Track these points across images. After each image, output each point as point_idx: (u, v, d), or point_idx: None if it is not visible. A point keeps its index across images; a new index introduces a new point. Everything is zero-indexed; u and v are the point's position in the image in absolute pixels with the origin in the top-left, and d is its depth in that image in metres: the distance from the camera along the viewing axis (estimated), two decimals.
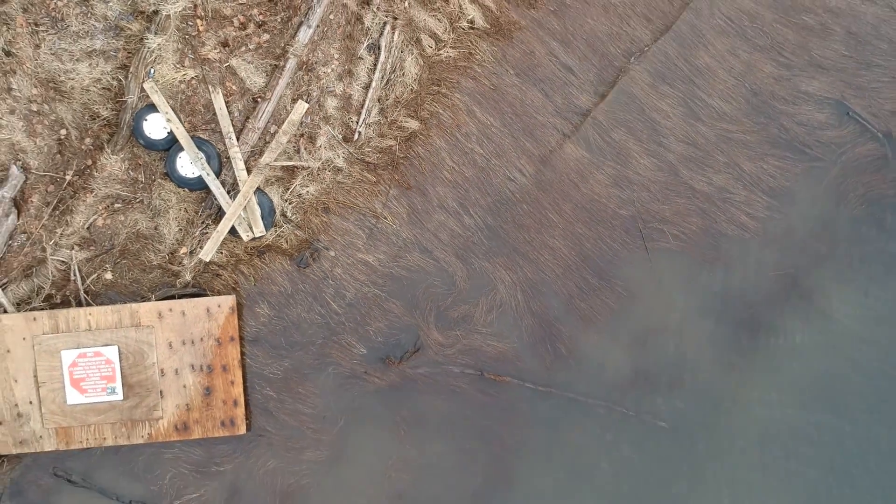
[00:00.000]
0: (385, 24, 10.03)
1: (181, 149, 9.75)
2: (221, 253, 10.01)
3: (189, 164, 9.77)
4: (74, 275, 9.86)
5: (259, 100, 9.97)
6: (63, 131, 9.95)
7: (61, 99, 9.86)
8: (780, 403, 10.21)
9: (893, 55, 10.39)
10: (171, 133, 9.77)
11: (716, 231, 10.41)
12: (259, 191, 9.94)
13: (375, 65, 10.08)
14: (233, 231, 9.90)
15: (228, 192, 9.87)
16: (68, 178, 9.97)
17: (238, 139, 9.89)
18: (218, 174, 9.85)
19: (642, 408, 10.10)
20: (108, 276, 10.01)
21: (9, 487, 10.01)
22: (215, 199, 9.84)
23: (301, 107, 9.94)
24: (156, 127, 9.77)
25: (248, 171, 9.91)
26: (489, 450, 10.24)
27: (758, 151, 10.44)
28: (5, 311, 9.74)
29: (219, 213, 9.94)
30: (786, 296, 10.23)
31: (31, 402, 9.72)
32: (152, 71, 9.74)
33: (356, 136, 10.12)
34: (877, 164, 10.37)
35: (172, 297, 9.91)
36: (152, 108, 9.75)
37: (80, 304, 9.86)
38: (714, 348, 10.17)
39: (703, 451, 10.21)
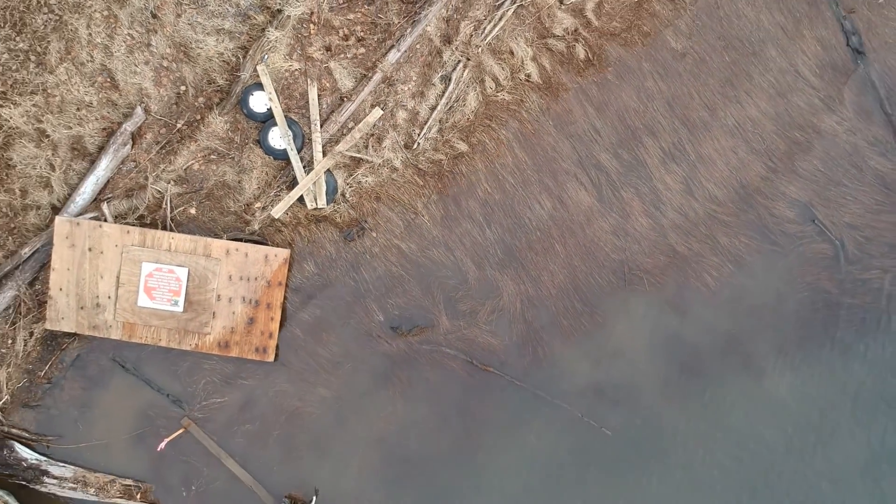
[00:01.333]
0: (459, 61, 12.25)
1: (275, 124, 11.98)
2: (287, 214, 12.25)
3: (278, 137, 12.00)
4: (166, 204, 12.09)
5: (345, 99, 12.20)
6: (183, 88, 12.18)
7: (188, 62, 12.08)
8: (706, 436, 12.42)
9: (860, 180, 12.60)
10: (269, 110, 12.00)
11: (685, 287, 12.61)
12: (328, 172, 12.17)
13: (444, 92, 12.30)
14: (300, 199, 12.14)
15: (304, 168, 12.10)
16: (179, 125, 12.20)
17: (321, 127, 12.12)
18: (299, 151, 12.08)
19: (593, 414, 12.32)
20: (193, 211, 12.26)
21: (75, 360, 12.24)
22: (293, 170, 12.08)
23: (377, 112, 12.17)
24: (259, 102, 12.00)
25: (323, 154, 12.14)
26: (463, 422, 12.45)
27: (734, 230, 12.65)
28: (106, 221, 11.96)
29: (292, 182, 12.17)
30: (728, 351, 12.44)
31: (109, 297, 11.94)
32: (266, 57, 11.97)
33: (415, 146, 12.34)
34: (826, 262, 12.58)
35: (240, 240, 12.13)
36: (259, 86, 11.97)
37: (165, 229, 12.09)
38: (660, 380, 12.38)
39: (635, 462, 12.41)
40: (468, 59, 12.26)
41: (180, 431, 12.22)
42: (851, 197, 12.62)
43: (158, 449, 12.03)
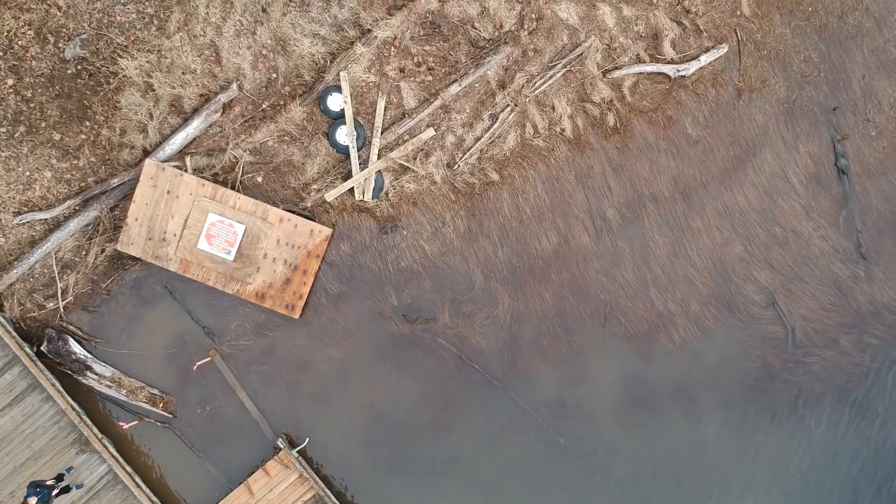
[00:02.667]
0: (508, 105, 14.40)
1: (344, 123, 14.15)
2: (336, 200, 14.42)
3: (344, 135, 14.17)
4: (239, 169, 14.27)
5: (406, 115, 14.35)
6: (274, 75, 14.35)
7: (283, 54, 14.25)
8: (639, 459, 14.57)
9: (821, 281, 14.70)
10: (342, 110, 14.17)
11: (653, 338, 14.73)
12: (379, 172, 14.33)
13: (489, 128, 14.44)
14: (351, 190, 14.31)
15: (360, 165, 14.27)
16: (264, 106, 14.38)
17: (381, 134, 14.29)
18: (359, 150, 14.24)
19: (552, 422, 14.47)
20: (259, 179, 14.44)
21: (134, 280, 14.43)
22: (350, 164, 14.25)
23: (430, 132, 14.33)
24: (335, 102, 14.16)
25: (378, 157, 14.31)
26: (443, 405, 14.61)
27: (706, 300, 14.76)
28: (186, 171, 14.14)
29: (347, 175, 14.34)
30: (677, 396, 14.57)
31: (174, 235, 14.12)
32: (349, 66, 14.13)
33: (455, 167, 14.49)
34: (776, 342, 14.69)
35: (293, 212, 14.29)
36: (338, 89, 14.14)
37: (233, 189, 14.26)
38: (615, 407, 14.52)
39: (578, 469, 14.55)
40: (516, 105, 14.40)
41: (207, 360, 14.41)
42: (810, 293, 14.72)
43: (193, 369, 14.21)
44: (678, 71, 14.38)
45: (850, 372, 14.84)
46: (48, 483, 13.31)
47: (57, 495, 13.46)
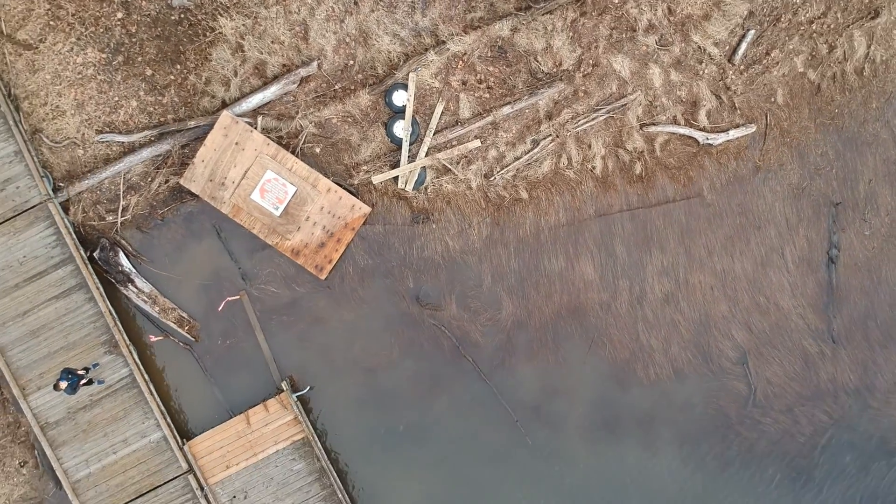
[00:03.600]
0: (550, 135, 15.98)
1: (402, 118, 15.77)
2: (381, 184, 16.04)
3: (401, 129, 15.79)
4: (302, 137, 15.90)
5: (458, 123, 15.95)
6: (351, 62, 15.97)
7: (363, 45, 15.86)
8: (594, 474, 16.18)
9: (790, 352, 16.25)
10: (404, 106, 15.77)
11: (631, 369, 16.31)
12: (423, 168, 15.95)
13: (529, 151, 16.03)
14: (396, 178, 15.94)
15: (409, 158, 15.89)
16: (336, 87, 16.00)
17: (433, 135, 15.89)
18: (410, 145, 15.85)
19: (525, 423, 16.09)
20: (317, 150, 16.07)
21: (187, 213, 16.10)
22: (400, 155, 15.87)
23: (476, 143, 15.93)
24: (399, 98, 15.76)
25: (426, 154, 15.92)
26: (432, 385, 16.23)
27: (685, 345, 16.32)
28: (256, 129, 15.78)
29: (395, 164, 15.96)
30: (641, 425, 16.15)
31: (233, 182, 15.76)
32: (418, 69, 15.73)
33: (491, 178, 16.09)
34: (738, 398, 16.27)
35: (340, 186, 15.91)
36: (404, 87, 15.74)
37: (293, 153, 15.88)
38: (583, 422, 16.12)
39: (539, 470, 16.17)
40: (557, 136, 15.98)
41: (236, 298, 16.08)
42: (778, 361, 16.29)
43: (222, 304, 15.88)
44: (707, 139, 15.93)
45: (797, 440, 16.39)
46: (79, 372, 15.02)
47: (83, 385, 15.15)
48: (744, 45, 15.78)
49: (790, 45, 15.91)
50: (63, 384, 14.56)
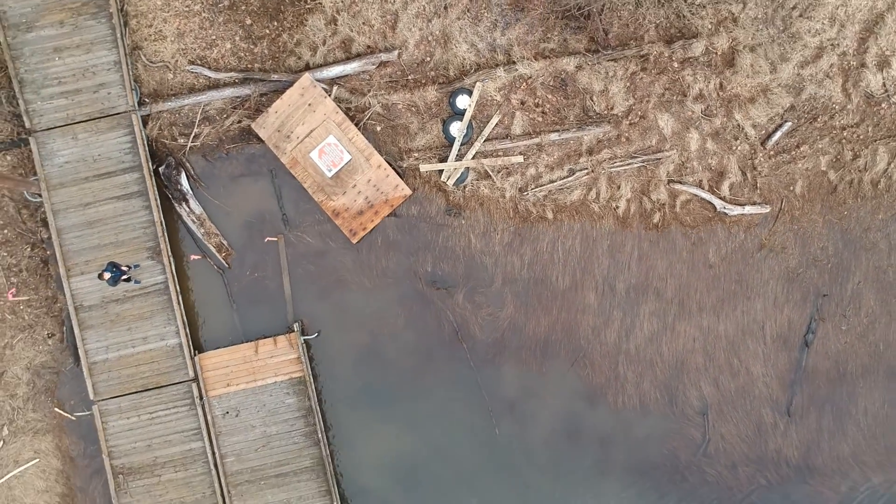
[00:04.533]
0: (586, 168, 17.58)
1: (460, 120, 17.40)
2: (427, 173, 17.69)
3: (456, 129, 17.42)
4: (368, 114, 17.55)
5: (507, 137, 17.58)
6: (428, 59, 17.59)
7: (442, 47, 17.46)
8: (547, 479, 17.83)
9: (748, 416, 17.80)
10: (464, 110, 17.39)
11: (603, 393, 17.92)
12: (467, 168, 17.59)
13: (564, 177, 17.63)
14: (440, 171, 17.59)
15: (457, 156, 17.54)
16: (409, 77, 17.64)
17: (483, 141, 17.52)
18: (461, 146, 17.49)
19: (498, 415, 17.75)
20: (378, 128, 17.73)
21: (250, 154, 17.80)
22: (450, 152, 17.51)
23: (519, 158, 17.56)
24: (462, 101, 17.38)
25: (473, 157, 17.55)
26: (426, 360, 17.89)
27: (656, 384, 17.90)
28: (329, 96, 17.43)
29: (444, 158, 17.61)
30: (600, 445, 17.78)
31: (297, 137, 17.43)
32: (485, 80, 17.33)
33: (525, 193, 17.71)
34: (691, 444, 17.87)
35: (390, 165, 17.55)
36: (469, 93, 17.35)
37: (356, 126, 17.53)
38: (549, 429, 17.77)
39: (500, 460, 17.83)
40: (592, 171, 17.59)
41: (275, 239, 17.79)
42: (735, 421, 17.88)
43: (266, 240, 17.61)
44: (724, 208, 17.49)
45: (734, 496, 17.96)
46: (123, 268, 16.78)
47: (123, 280, 16.91)
48: (778, 134, 17.32)
49: (819, 144, 17.44)
50: (107, 275, 16.31)
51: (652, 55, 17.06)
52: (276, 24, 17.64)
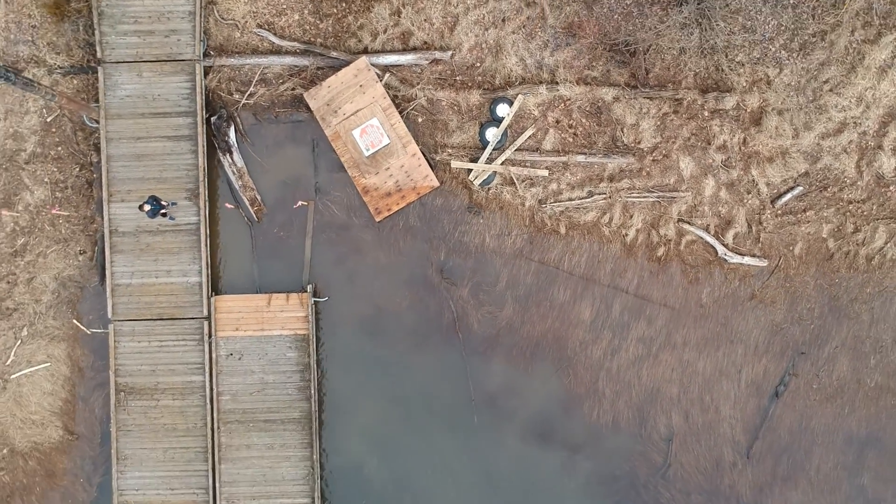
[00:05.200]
0: (604, 193, 18.71)
1: (496, 126, 18.55)
2: (457, 169, 18.86)
3: (491, 134, 18.57)
4: (412, 104, 18.70)
5: (537, 151, 18.72)
6: (478, 64, 18.72)
7: (493, 56, 18.57)
8: (514, 470, 19.05)
9: (708, 450, 18.97)
10: (502, 118, 18.54)
11: (580, 404, 19.09)
12: (494, 172, 18.75)
13: (583, 198, 18.76)
14: (469, 170, 18.75)
15: (487, 159, 18.69)
16: (457, 77, 18.78)
17: (514, 150, 18.67)
18: (493, 150, 18.64)
19: (480, 406, 18.95)
20: (419, 120, 18.89)
21: (297, 122, 19.00)
22: (481, 154, 18.67)
23: (544, 172, 18.70)
24: (501, 110, 18.52)
25: (502, 163, 18.71)
26: (422, 340, 19.08)
27: (630, 405, 19.03)
28: (380, 81, 18.58)
29: (474, 159, 18.77)
30: (567, 450, 18.95)
31: (344, 114, 18.58)
32: (527, 94, 18.47)
33: (543, 205, 18.86)
34: (652, 467, 19.03)
35: (424, 155, 18.71)
36: (509, 103, 18.49)
37: (400, 114, 18.68)
38: (523, 427, 18.96)
39: (473, 448, 19.03)
40: (609, 197, 18.73)
41: (305, 203, 19.01)
42: (696, 452, 19.03)
43: (297, 203, 18.82)
44: (725, 254, 18.61)
45: None
46: (163, 202, 18.02)
47: (160, 214, 18.15)
48: (789, 196, 18.41)
49: (825, 213, 18.53)
50: (147, 207, 17.56)
51: (686, 100, 18.16)
52: (344, 5, 18.79)
